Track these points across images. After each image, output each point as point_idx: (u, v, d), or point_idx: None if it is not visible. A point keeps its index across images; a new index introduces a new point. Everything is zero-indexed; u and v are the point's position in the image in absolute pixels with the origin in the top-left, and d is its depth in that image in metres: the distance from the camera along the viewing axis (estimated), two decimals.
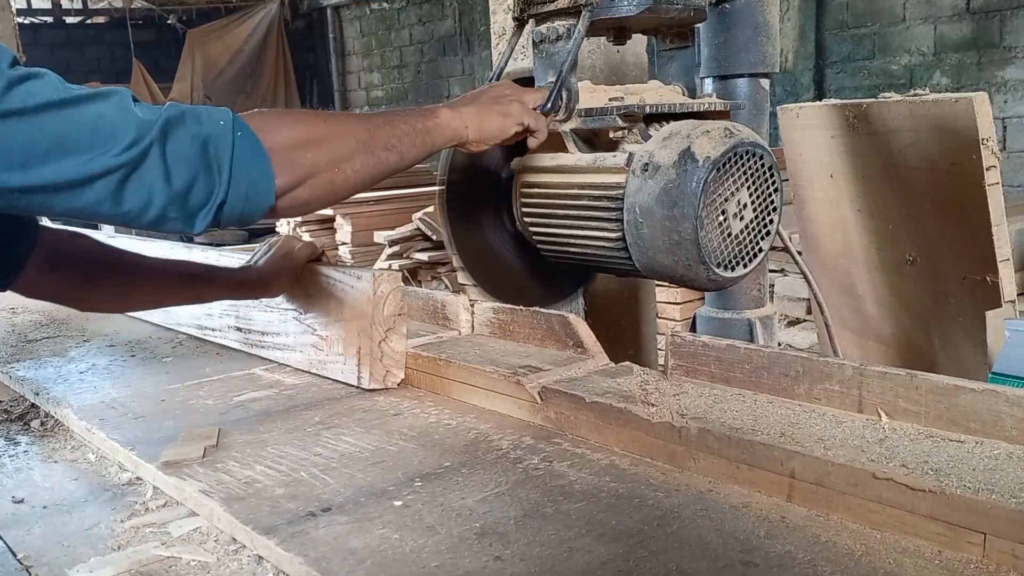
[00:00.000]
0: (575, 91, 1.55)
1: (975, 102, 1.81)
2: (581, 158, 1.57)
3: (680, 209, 1.41)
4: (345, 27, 12.47)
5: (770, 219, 1.53)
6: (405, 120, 1.30)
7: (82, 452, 1.42)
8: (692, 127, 1.47)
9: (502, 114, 1.43)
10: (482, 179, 1.78)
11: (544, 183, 1.65)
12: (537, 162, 1.66)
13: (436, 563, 0.94)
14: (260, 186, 1.10)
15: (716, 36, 1.86)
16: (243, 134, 1.09)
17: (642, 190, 1.45)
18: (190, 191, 1.05)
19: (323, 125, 1.19)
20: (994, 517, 0.87)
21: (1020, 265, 3.15)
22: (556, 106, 1.54)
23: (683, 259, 1.44)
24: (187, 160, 1.05)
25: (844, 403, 1.15)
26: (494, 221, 1.80)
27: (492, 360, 1.48)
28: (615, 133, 1.53)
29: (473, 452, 1.25)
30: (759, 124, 1.93)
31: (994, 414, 1.02)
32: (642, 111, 1.52)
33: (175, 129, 1.04)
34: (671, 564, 0.91)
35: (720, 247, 1.45)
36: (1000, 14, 5.87)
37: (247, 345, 1.85)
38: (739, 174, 1.45)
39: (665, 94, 1.65)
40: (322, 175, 1.17)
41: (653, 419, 1.18)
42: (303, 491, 1.14)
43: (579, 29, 1.53)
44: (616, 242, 1.52)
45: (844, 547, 0.92)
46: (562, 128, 1.57)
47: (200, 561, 1.04)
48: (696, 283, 1.51)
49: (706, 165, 1.40)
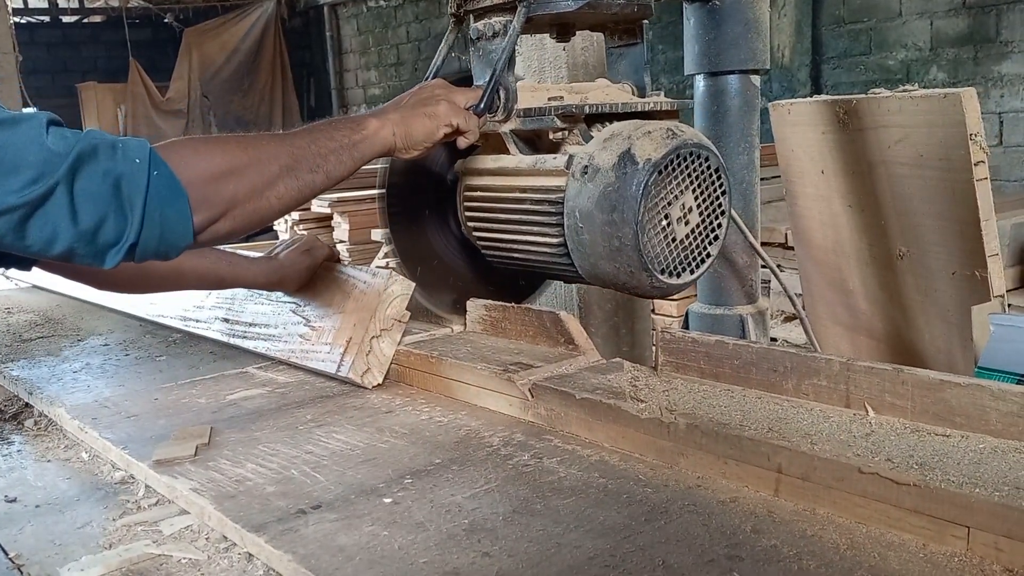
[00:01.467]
0: (513, 90, 1.48)
1: (963, 97, 1.81)
2: (522, 160, 1.51)
3: (620, 214, 1.35)
4: (342, 25, 12.46)
5: (718, 223, 1.47)
6: (331, 136, 1.25)
7: (75, 451, 1.43)
8: (633, 128, 1.42)
9: (428, 116, 1.38)
10: (427, 182, 1.69)
11: (486, 186, 1.58)
12: (479, 164, 1.59)
13: (424, 559, 0.94)
14: (176, 226, 1.06)
15: (706, 33, 1.86)
16: (159, 172, 1.04)
17: (581, 194, 1.39)
18: (98, 230, 1.01)
19: (243, 153, 1.15)
20: (978, 511, 0.87)
21: (1017, 259, 3.16)
22: (492, 106, 1.47)
23: (625, 265, 1.39)
24: (96, 199, 1.00)
25: (832, 398, 1.16)
26: (440, 226, 1.72)
27: (484, 357, 1.49)
28: (555, 134, 1.47)
29: (464, 449, 1.26)
30: (750, 120, 1.94)
31: (979, 408, 1.02)
32: (581, 111, 1.46)
33: (86, 165, 1.00)
34: (657, 559, 0.91)
35: (664, 253, 1.40)
36: (996, 8, 5.87)
37: (230, 336, 1.86)
38: (683, 177, 1.40)
39: (612, 93, 1.59)
40: (244, 205, 1.13)
41: (642, 415, 1.18)
42: (294, 489, 1.15)
43: (514, 26, 1.47)
44: (558, 248, 1.46)
45: (830, 541, 0.93)
46: (501, 129, 1.51)
47: (191, 559, 1.04)
48: (639, 290, 1.44)
49: (647, 167, 1.35)
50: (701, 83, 1.96)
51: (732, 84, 1.90)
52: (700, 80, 1.95)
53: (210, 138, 1.20)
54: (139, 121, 12.02)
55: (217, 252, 1.65)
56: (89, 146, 1.01)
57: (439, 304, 1.72)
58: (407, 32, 11.28)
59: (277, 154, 1.18)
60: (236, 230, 1.15)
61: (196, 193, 1.07)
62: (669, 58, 7.86)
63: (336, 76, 12.51)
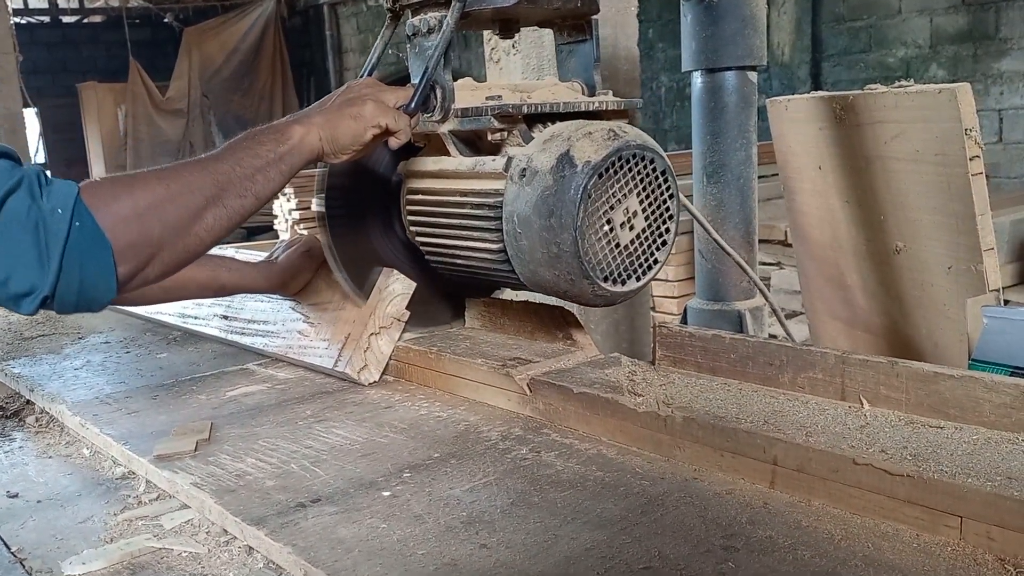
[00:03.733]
0: (449, 89, 1.41)
1: (958, 93, 1.82)
2: (462, 162, 1.45)
3: (558, 219, 1.29)
4: (342, 24, 12.47)
5: (666, 228, 1.41)
6: (255, 153, 1.17)
7: (76, 447, 1.44)
8: (574, 128, 1.36)
9: (354, 117, 1.30)
10: (369, 184, 1.62)
11: (428, 189, 1.52)
12: (421, 166, 1.54)
13: (423, 551, 0.95)
14: (98, 280, 1.01)
15: (703, 30, 1.87)
16: (81, 224, 0.98)
17: (520, 197, 1.34)
18: (9, 279, 0.96)
19: (165, 189, 1.07)
20: (970, 500, 0.88)
21: (1016, 255, 3.17)
22: (428, 105, 1.42)
23: (565, 272, 1.32)
24: (10, 245, 0.95)
25: (827, 391, 1.17)
26: (384, 230, 1.64)
27: (482, 353, 1.50)
28: (494, 135, 1.41)
29: (462, 443, 1.26)
30: (747, 116, 1.95)
31: (973, 400, 1.03)
32: (519, 111, 1.40)
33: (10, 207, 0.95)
34: (653, 550, 0.92)
35: (606, 259, 1.34)
36: (996, 6, 5.88)
37: (229, 332, 1.87)
38: (626, 180, 1.34)
39: (559, 91, 1.52)
40: (172, 246, 1.07)
41: (639, 409, 1.19)
42: (293, 483, 1.15)
43: (448, 22, 1.41)
44: (498, 254, 1.41)
45: (824, 532, 0.94)
46: (440, 130, 1.44)
47: (191, 552, 1.05)
48: (582, 298, 1.38)
49: (586, 170, 1.29)
50: (699, 80, 1.97)
51: (729, 80, 1.91)
52: (697, 77, 1.96)
53: (129, 177, 1.10)
54: (139, 121, 12.03)
55: (217, 259, 1.63)
56: (20, 186, 0.96)
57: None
58: None
59: (201, 184, 1.11)
60: (166, 271, 1.09)
61: (120, 242, 1.01)
62: (668, 56, 7.87)
63: (336, 75, 12.52)
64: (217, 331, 1.91)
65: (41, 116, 12.45)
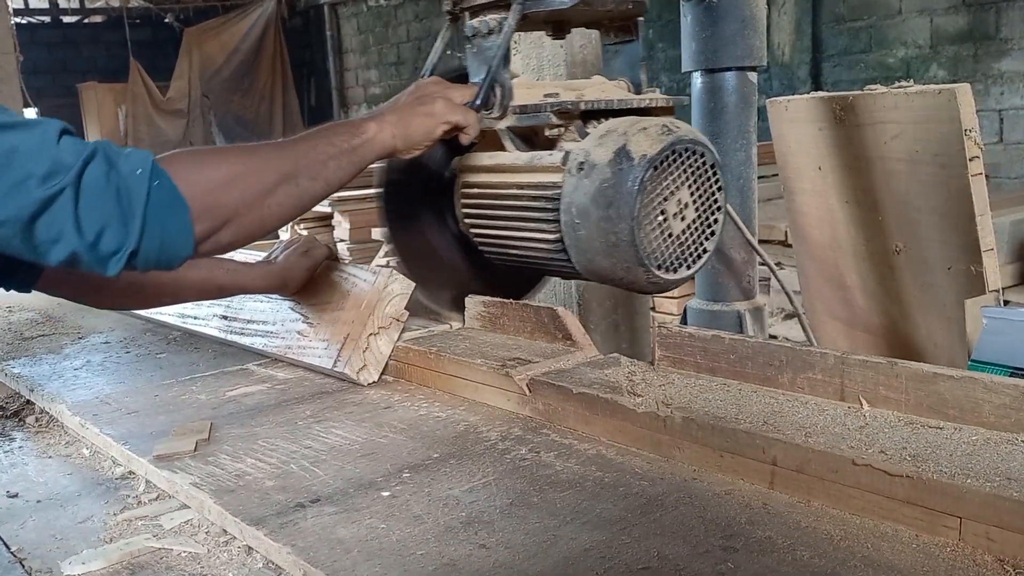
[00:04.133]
0: (508, 87, 1.49)
1: (958, 93, 1.82)
2: (518, 157, 1.52)
3: (616, 209, 1.35)
4: (342, 24, 12.47)
5: (714, 219, 1.47)
6: (330, 142, 1.24)
7: (76, 447, 1.44)
8: (629, 124, 1.42)
9: (426, 115, 1.37)
10: (424, 180, 1.70)
11: (483, 183, 1.59)
12: (476, 161, 1.60)
13: (422, 551, 0.95)
14: (177, 236, 1.06)
15: (703, 30, 1.87)
16: (160, 183, 1.04)
17: (578, 190, 1.40)
18: (100, 237, 1.01)
19: (244, 163, 1.15)
20: (969, 501, 0.88)
21: (1016, 256, 3.16)
22: (488, 102, 1.48)
23: (621, 261, 1.39)
24: (99, 207, 1.01)
25: (827, 391, 1.16)
26: (437, 223, 1.73)
27: (482, 353, 1.50)
28: (551, 131, 1.48)
29: (462, 444, 1.26)
30: (747, 117, 1.94)
31: (972, 401, 1.03)
32: (576, 108, 1.47)
33: (92, 173, 1.00)
34: (652, 550, 0.92)
35: (660, 248, 1.40)
36: (996, 6, 5.87)
37: (228, 332, 1.87)
38: (678, 172, 1.40)
39: (608, 89, 1.60)
40: (245, 215, 1.13)
41: (638, 409, 1.19)
42: (293, 483, 1.15)
43: (510, 23, 1.47)
44: (555, 244, 1.47)
45: (823, 532, 0.94)
46: (497, 126, 1.51)
47: (191, 552, 1.05)
48: (636, 286, 1.44)
49: (642, 163, 1.35)
50: (698, 80, 1.96)
51: (729, 81, 1.91)
52: (697, 77, 1.96)
53: (211, 149, 1.20)
54: (139, 121, 12.03)
55: (213, 261, 1.63)
56: (96, 155, 1.02)
57: (438, 301, 1.73)
58: (407, 31, 11.28)
59: (277, 163, 1.18)
60: (237, 240, 1.15)
61: (197, 204, 1.08)
62: (668, 56, 7.87)
63: (336, 75, 12.52)
64: (216, 331, 1.91)
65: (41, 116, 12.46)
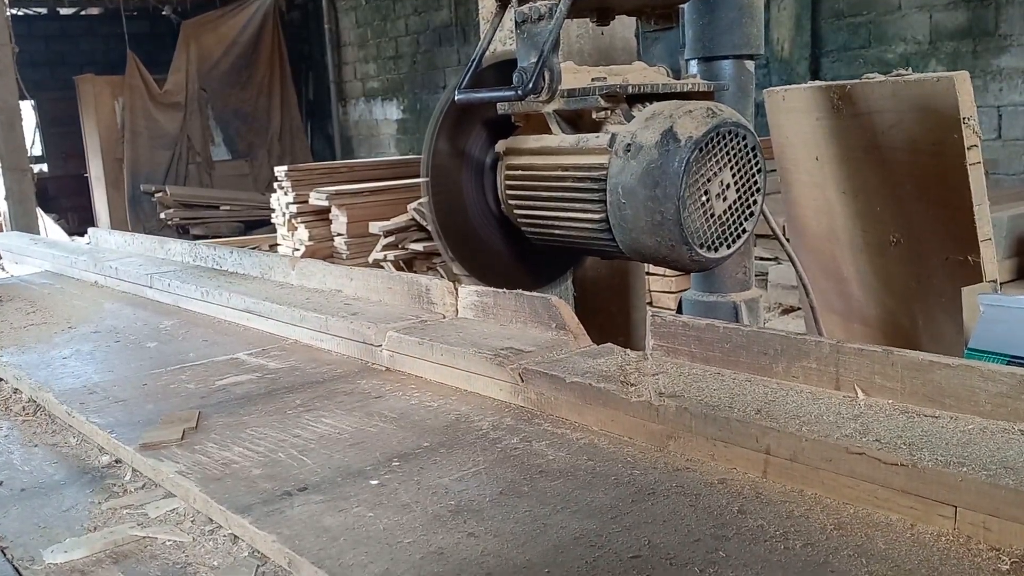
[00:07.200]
0: (557, 71, 1.53)
1: (956, 81, 1.80)
2: (564, 139, 1.57)
3: (663, 189, 1.40)
4: (340, 18, 12.42)
5: (754, 200, 1.52)
6: None
7: (63, 436, 1.42)
8: (675, 107, 1.47)
9: None
10: (468, 164, 1.76)
11: (528, 165, 1.64)
12: (521, 144, 1.65)
13: (409, 539, 0.94)
14: None
15: (700, 18, 1.85)
16: None
17: (625, 171, 1.45)
18: None
19: None
20: (965, 490, 0.86)
21: (1014, 251, 3.15)
22: (538, 86, 1.53)
23: (666, 240, 1.44)
24: None
25: (821, 380, 1.15)
26: (481, 205, 1.78)
27: (475, 343, 1.48)
28: (598, 114, 1.52)
29: (453, 433, 1.25)
30: (744, 106, 1.92)
31: (969, 389, 1.02)
32: (624, 91, 1.51)
33: None
34: (643, 539, 0.91)
35: (703, 227, 1.45)
36: (995, 2, 5.85)
37: None
38: (722, 154, 1.45)
39: (649, 75, 1.64)
40: None
41: (632, 399, 1.17)
42: (280, 471, 1.14)
43: (561, 8, 1.52)
44: (600, 223, 1.52)
45: (816, 521, 0.92)
46: (545, 109, 1.57)
47: (176, 541, 1.03)
48: (679, 264, 1.50)
49: (688, 145, 1.40)
50: (695, 68, 1.94)
51: (726, 69, 1.89)
52: (694, 65, 1.94)
53: None
54: (137, 114, 11.98)
55: None
56: None
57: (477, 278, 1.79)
58: (406, 25, 11.24)
59: None
60: None
61: None
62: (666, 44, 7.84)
63: (335, 69, 12.48)
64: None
65: (39, 109, 12.40)
